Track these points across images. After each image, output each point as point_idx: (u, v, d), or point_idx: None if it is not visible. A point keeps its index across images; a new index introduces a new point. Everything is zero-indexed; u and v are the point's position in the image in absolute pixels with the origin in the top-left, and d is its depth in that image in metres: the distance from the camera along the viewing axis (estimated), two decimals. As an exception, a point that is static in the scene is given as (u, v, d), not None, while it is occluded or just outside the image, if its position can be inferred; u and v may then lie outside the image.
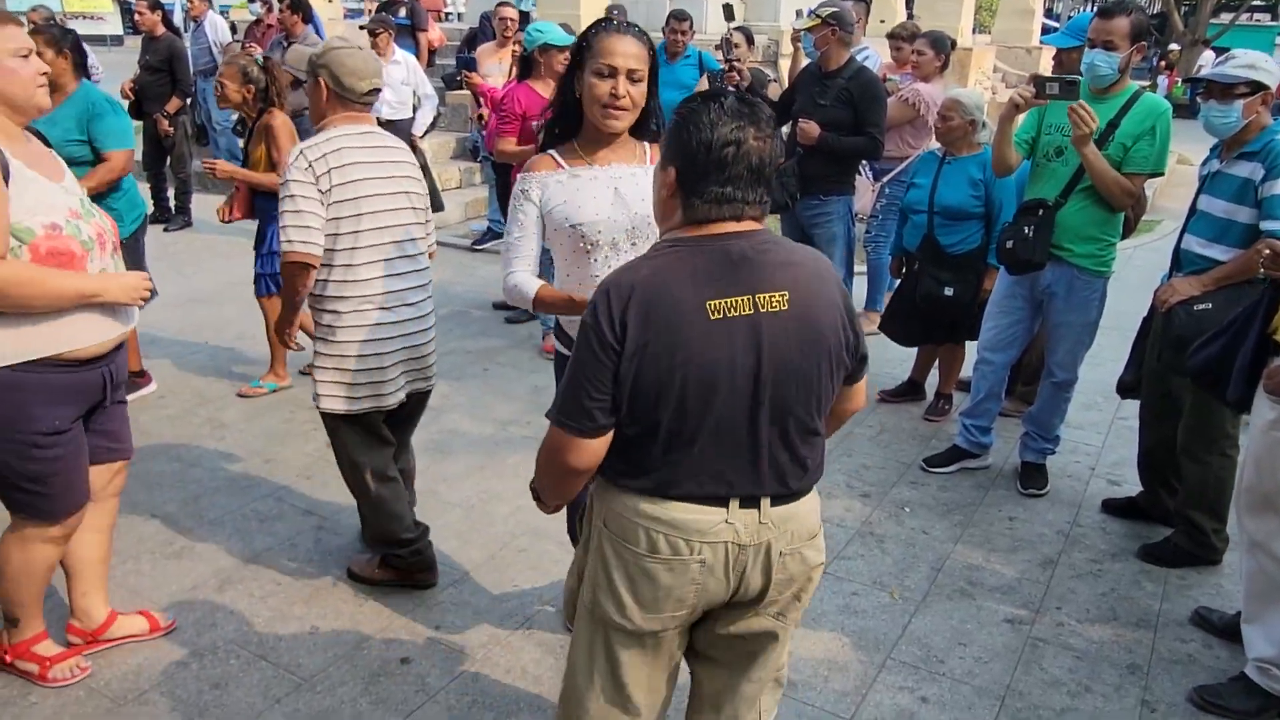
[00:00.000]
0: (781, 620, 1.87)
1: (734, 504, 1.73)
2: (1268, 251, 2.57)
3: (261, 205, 4.41)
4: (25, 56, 2.29)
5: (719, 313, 1.63)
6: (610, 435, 1.71)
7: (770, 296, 1.66)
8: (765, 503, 1.75)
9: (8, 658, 2.65)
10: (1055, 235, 3.61)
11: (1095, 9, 3.55)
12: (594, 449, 1.71)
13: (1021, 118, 3.60)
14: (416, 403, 3.11)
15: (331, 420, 2.93)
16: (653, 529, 1.73)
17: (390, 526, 3.02)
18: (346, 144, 2.81)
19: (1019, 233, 3.64)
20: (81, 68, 3.90)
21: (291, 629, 2.91)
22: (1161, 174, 3.58)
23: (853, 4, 6.12)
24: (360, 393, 2.88)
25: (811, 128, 4.57)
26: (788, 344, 1.67)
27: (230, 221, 4.50)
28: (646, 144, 2.51)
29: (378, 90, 2.93)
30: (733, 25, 5.58)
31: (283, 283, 2.87)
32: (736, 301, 1.64)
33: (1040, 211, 3.62)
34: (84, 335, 2.34)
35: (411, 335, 2.94)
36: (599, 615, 1.84)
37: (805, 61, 5.10)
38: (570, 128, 2.47)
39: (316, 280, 2.83)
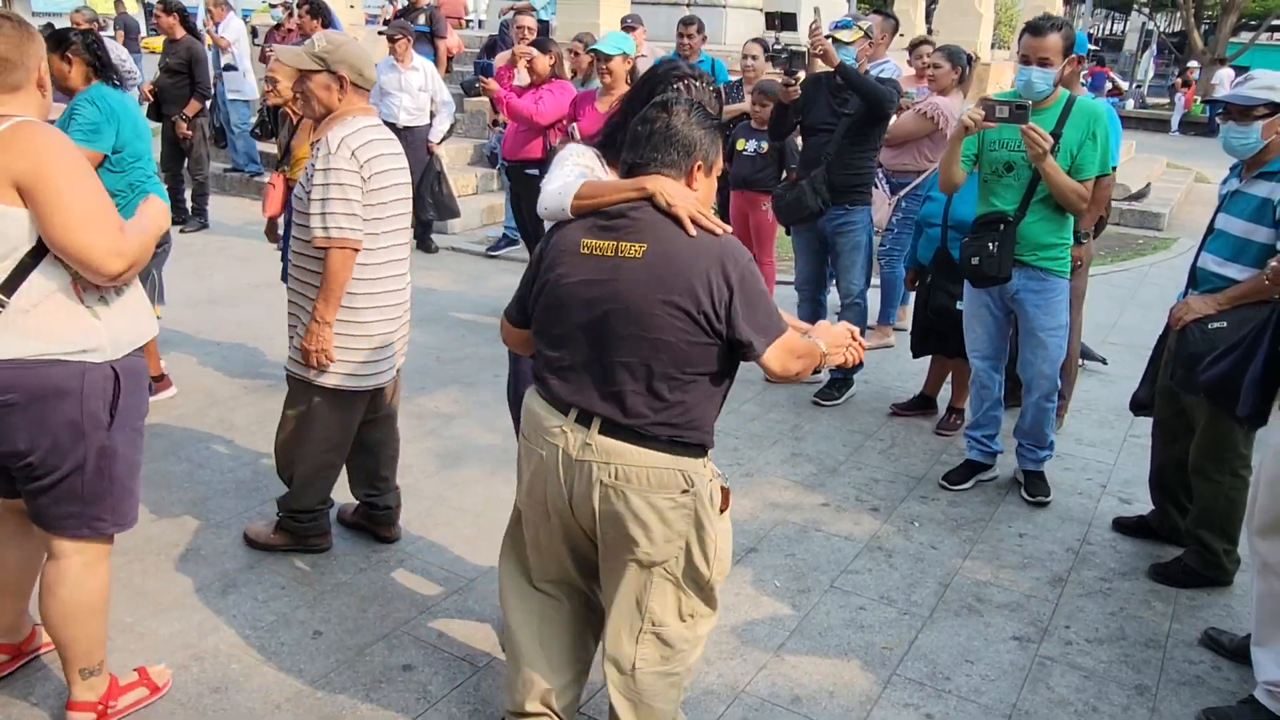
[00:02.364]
0: (629, 549, 2.10)
1: (571, 414, 2.10)
2: (1275, 264, 2.56)
3: None
4: None
5: (588, 250, 2.07)
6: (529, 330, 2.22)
7: (631, 245, 2.03)
8: (596, 425, 2.07)
9: (110, 710, 2.48)
10: (1016, 247, 3.69)
11: (1027, 28, 3.58)
12: (517, 335, 2.29)
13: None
14: (396, 380, 3.34)
15: (328, 396, 3.06)
16: (526, 415, 2.21)
17: (319, 498, 3.26)
18: (374, 135, 2.95)
19: (983, 249, 3.70)
20: (99, 69, 3.89)
21: (294, 633, 2.91)
22: (1108, 174, 3.72)
23: (881, 19, 6.15)
24: (367, 370, 3.07)
25: (832, 55, 4.42)
26: (633, 286, 2.01)
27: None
28: None
29: None
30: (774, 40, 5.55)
31: (330, 271, 2.89)
32: (603, 244, 2.06)
33: (1001, 226, 3.69)
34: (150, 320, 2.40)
35: (404, 316, 3.18)
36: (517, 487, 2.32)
37: (764, 77, 5.11)
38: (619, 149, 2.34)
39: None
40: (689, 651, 2.25)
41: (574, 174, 2.29)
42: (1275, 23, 31.04)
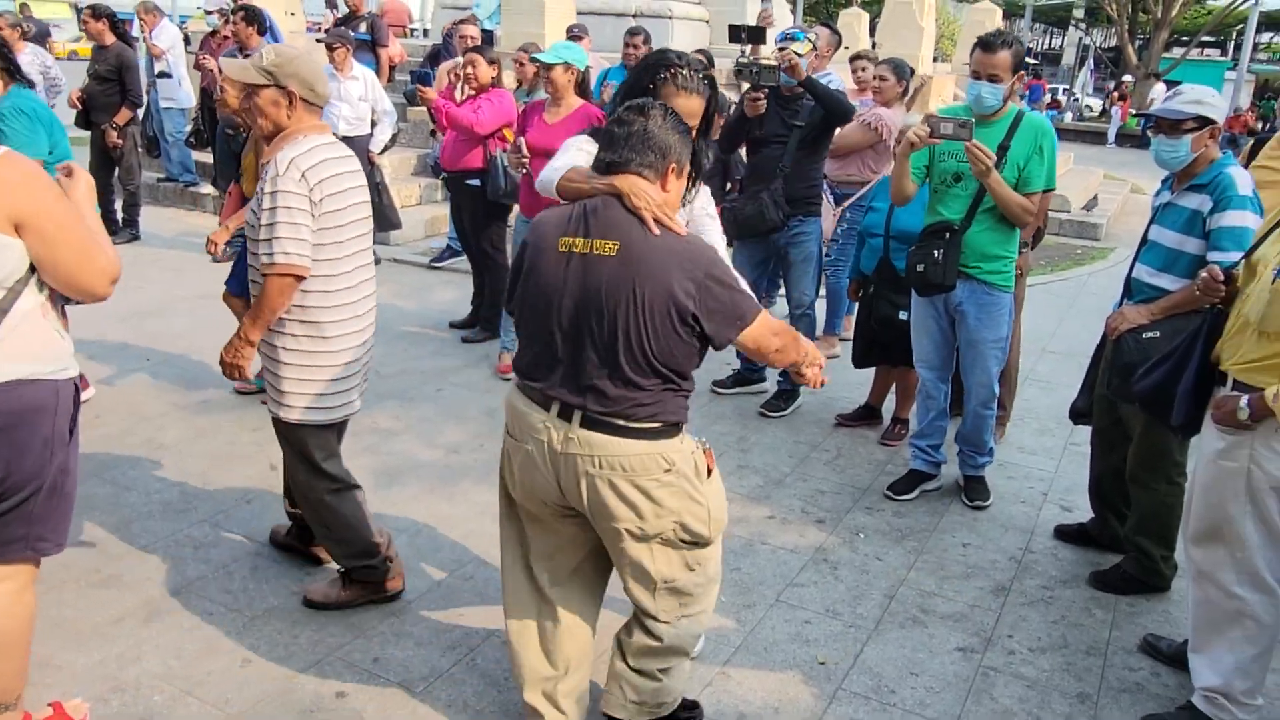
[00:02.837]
0: (627, 526, 2.21)
1: (553, 409, 2.19)
2: (1205, 275, 2.60)
3: None
4: None
5: (565, 247, 2.15)
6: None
7: (605, 243, 2.11)
8: (577, 418, 2.16)
9: None
10: (962, 256, 3.72)
11: (979, 44, 3.69)
12: None
13: None
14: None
15: (302, 433, 2.90)
16: (510, 413, 2.29)
17: (364, 534, 3.02)
18: (327, 154, 2.80)
19: (929, 256, 3.74)
20: (13, 74, 3.75)
21: (221, 663, 2.79)
22: (1053, 189, 3.76)
23: (828, 33, 6.19)
24: (336, 401, 2.92)
25: (799, 68, 4.44)
26: (608, 283, 2.09)
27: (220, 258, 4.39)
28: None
29: None
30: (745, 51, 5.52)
31: (267, 295, 2.74)
32: (578, 241, 2.14)
33: (948, 235, 3.73)
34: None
35: (370, 341, 3.02)
36: (502, 486, 2.41)
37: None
38: None
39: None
40: (705, 590, 2.42)
41: (571, 159, 2.39)
42: (1205, 39, 32.11)
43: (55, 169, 2.81)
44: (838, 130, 5.74)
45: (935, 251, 3.72)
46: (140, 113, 7.91)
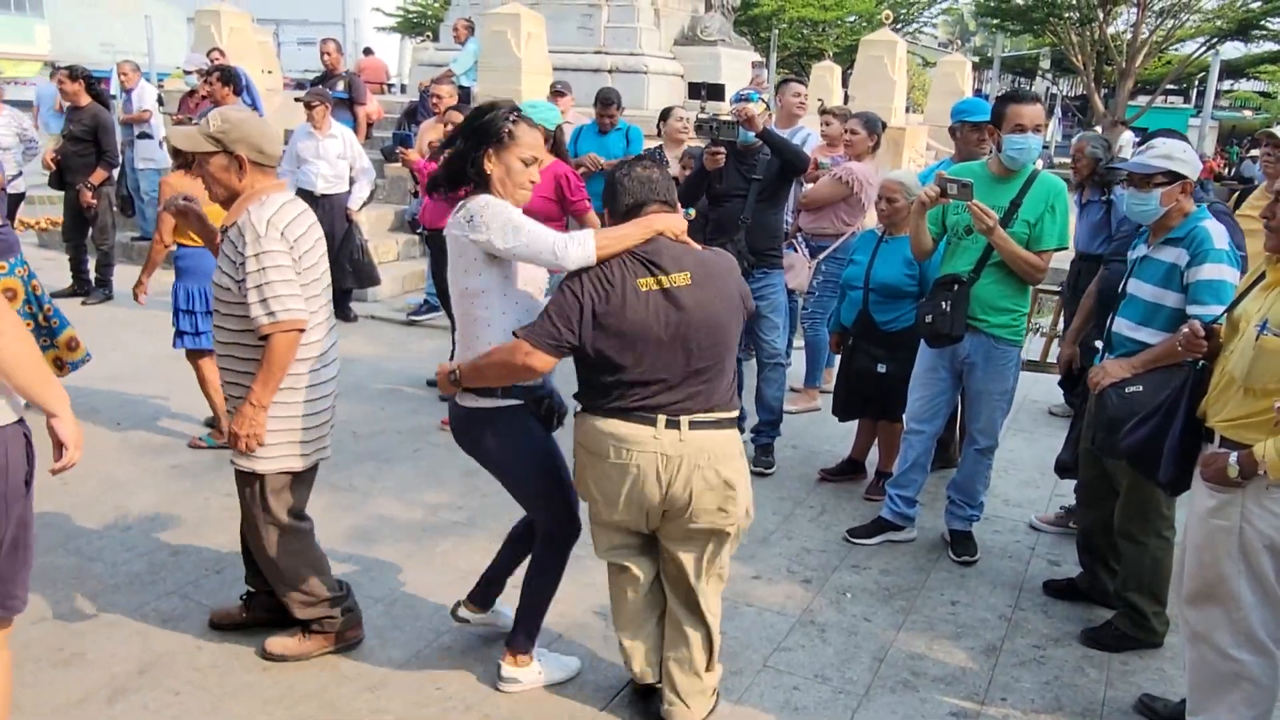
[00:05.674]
0: (716, 520, 2.62)
1: (660, 421, 2.53)
2: (1186, 331, 2.59)
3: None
4: None
5: (646, 287, 2.50)
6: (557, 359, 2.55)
7: (678, 275, 2.52)
8: (685, 423, 2.54)
9: None
10: (970, 308, 3.76)
11: (1016, 98, 3.75)
12: (548, 362, 2.54)
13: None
14: None
15: (276, 481, 2.90)
16: (608, 441, 2.56)
17: (325, 582, 3.06)
18: (295, 211, 2.85)
19: (937, 307, 3.77)
20: None
21: (188, 745, 2.68)
22: (1065, 247, 3.83)
23: (796, 84, 6.25)
24: (310, 448, 2.96)
25: (757, 122, 4.45)
26: (703, 306, 2.53)
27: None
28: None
29: None
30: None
31: (276, 353, 2.75)
32: (652, 280, 2.51)
33: (955, 286, 3.76)
34: None
35: (335, 385, 3.07)
36: (594, 517, 2.76)
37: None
38: None
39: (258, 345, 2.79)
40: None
41: (549, 231, 2.57)
42: (1169, 87, 32.93)
43: None
44: (809, 185, 5.80)
45: (944, 303, 3.74)
46: (115, 172, 7.87)
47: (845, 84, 17.91)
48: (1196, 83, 33.94)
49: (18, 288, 4.62)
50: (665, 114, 6.40)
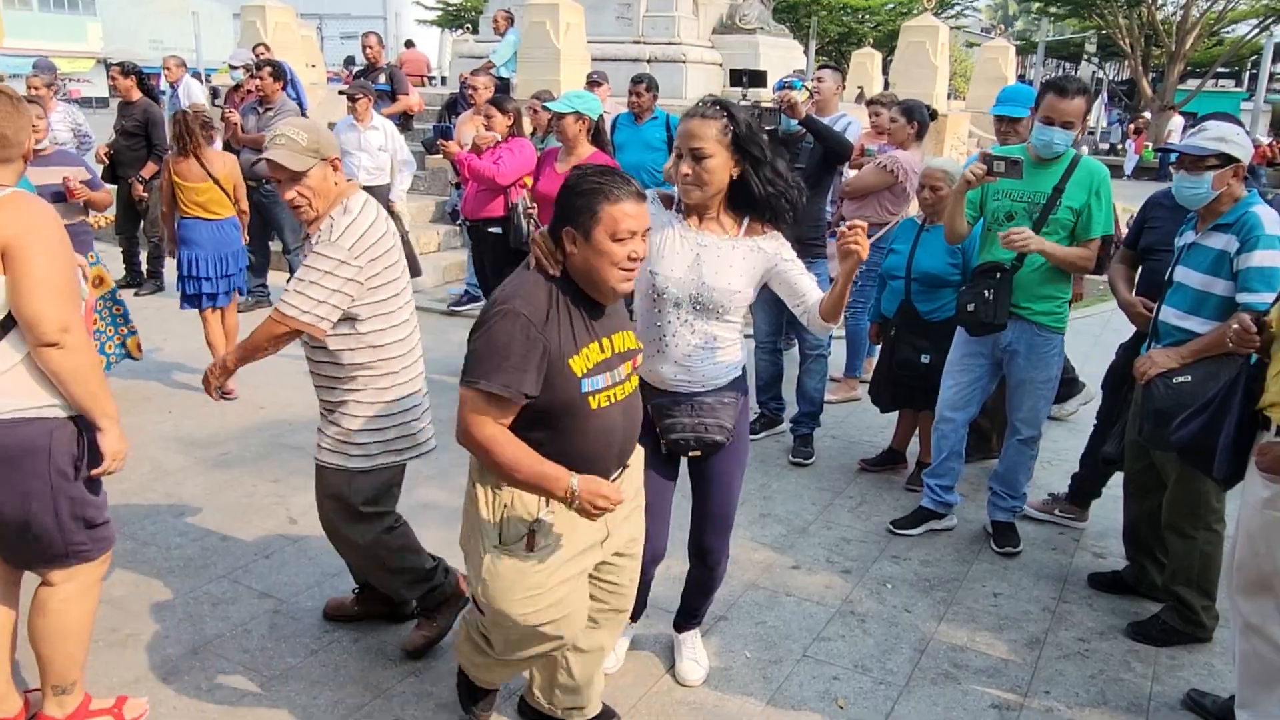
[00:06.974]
0: None
1: None
2: (1236, 326, 2.53)
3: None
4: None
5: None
6: None
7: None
8: None
9: None
10: (1013, 296, 3.69)
11: (1052, 88, 3.61)
12: None
13: None
14: None
15: (364, 478, 2.92)
16: None
17: (420, 560, 3.11)
18: (371, 215, 2.83)
19: (979, 295, 3.70)
20: None
21: (239, 725, 2.75)
22: (1112, 234, 3.74)
23: (831, 72, 6.20)
24: (403, 444, 2.98)
25: (799, 108, 4.40)
26: None
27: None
28: (746, 219, 2.75)
29: None
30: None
31: (266, 334, 2.78)
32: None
33: (998, 274, 3.70)
34: None
35: (422, 382, 3.07)
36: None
37: None
38: None
39: (350, 349, 2.82)
40: None
41: None
42: (1220, 70, 32.09)
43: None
44: (853, 172, 5.76)
45: (986, 291, 3.68)
46: (164, 166, 8.03)
47: (886, 71, 17.70)
48: (1249, 65, 33.00)
49: (106, 276, 4.96)
50: None
